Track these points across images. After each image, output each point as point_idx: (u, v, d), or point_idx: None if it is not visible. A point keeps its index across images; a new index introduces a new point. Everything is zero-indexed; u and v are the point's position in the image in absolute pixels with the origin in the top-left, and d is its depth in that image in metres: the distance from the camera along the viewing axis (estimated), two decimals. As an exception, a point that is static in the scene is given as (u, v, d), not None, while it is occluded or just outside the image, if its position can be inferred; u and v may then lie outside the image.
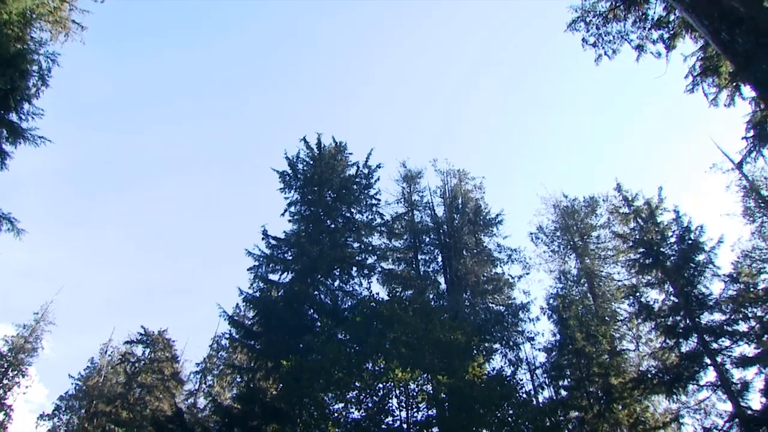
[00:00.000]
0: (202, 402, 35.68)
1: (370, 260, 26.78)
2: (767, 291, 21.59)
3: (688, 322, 22.10)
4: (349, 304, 24.15)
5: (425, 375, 17.68)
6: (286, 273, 24.56)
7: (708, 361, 21.10)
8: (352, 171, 28.28)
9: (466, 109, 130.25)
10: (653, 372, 22.67)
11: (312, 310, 23.62)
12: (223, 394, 32.15)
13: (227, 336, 23.73)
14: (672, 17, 18.02)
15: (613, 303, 31.50)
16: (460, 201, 34.66)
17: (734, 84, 17.44)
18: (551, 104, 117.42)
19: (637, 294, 24.70)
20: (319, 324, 22.22)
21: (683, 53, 18.52)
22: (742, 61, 10.65)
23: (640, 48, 18.56)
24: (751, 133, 17.11)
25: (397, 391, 17.41)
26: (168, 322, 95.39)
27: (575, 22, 18.83)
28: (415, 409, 17.54)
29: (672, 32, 18.20)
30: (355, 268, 25.53)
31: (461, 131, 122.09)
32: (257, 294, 23.76)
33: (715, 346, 21.29)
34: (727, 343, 21.20)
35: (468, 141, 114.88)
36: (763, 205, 29.37)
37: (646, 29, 18.48)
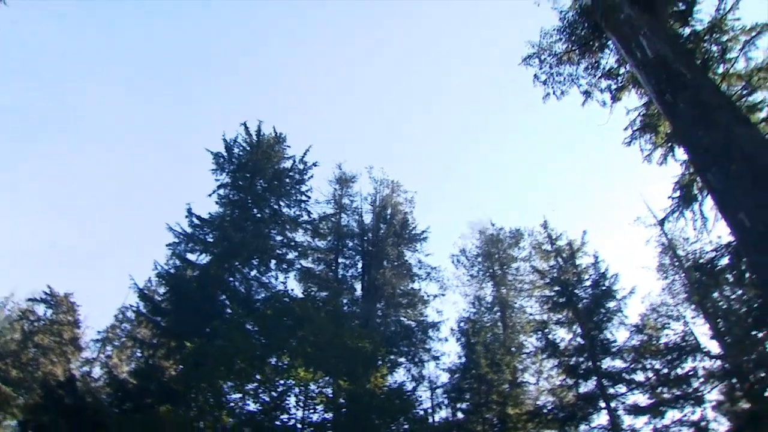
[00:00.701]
0: (98, 372, 34.71)
1: (290, 255, 26.70)
2: (668, 346, 22.56)
3: (590, 364, 22.88)
4: (263, 295, 24.02)
5: (327, 378, 17.74)
6: (204, 255, 24.31)
7: (603, 404, 21.92)
8: (288, 164, 28.17)
9: (411, 124, 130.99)
10: (549, 407, 23.37)
11: (225, 296, 23.37)
12: (121, 367, 31.41)
13: (134, 309, 23.10)
14: (622, 70, 18.63)
15: (521, 335, 32.19)
16: (389, 212, 34.80)
17: (669, 145, 18.10)
18: (495, 133, 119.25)
19: (546, 330, 25.42)
20: (229, 311, 22.03)
21: (627, 107, 19.13)
22: (681, 125, 11.13)
23: (587, 94, 19.09)
24: (677, 193, 17.75)
25: (297, 390, 17.46)
26: (76, 286, 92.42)
27: (530, 58, 19.29)
28: (311, 410, 17.60)
29: (620, 85, 18.80)
30: (274, 261, 25.43)
31: (402, 144, 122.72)
32: (172, 271, 23.45)
33: (611, 391, 22.15)
34: (623, 389, 22.13)
35: (407, 155, 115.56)
36: (677, 263, 30.62)
37: (596, 77, 19.04)
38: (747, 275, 15.64)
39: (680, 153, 17.76)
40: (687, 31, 18.17)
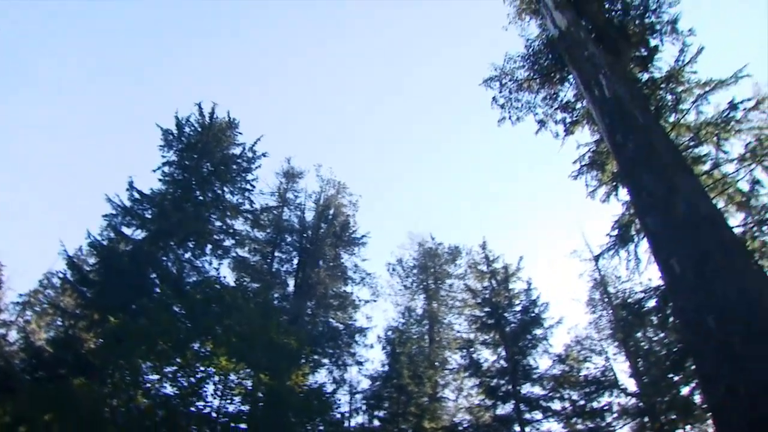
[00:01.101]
0: (14, 336, 33.68)
1: (227, 243, 26.41)
2: (587, 379, 23.13)
3: (510, 387, 23.28)
4: (194, 279, 23.69)
5: (248, 370, 17.62)
6: (140, 230, 23.85)
7: (518, 428, 22.31)
8: (237, 151, 27.83)
9: (365, 128, 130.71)
10: (465, 425, 23.71)
11: (155, 275, 22.96)
12: (39, 333, 30.47)
13: (61, 276, 22.56)
14: (579, 105, 19.03)
15: (447, 351, 32.50)
16: (331, 212, 34.75)
17: (614, 184, 18.54)
18: (448, 149, 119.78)
19: (471, 349, 25.79)
20: (158, 290, 21.66)
21: (579, 141, 19.53)
22: (628, 166, 11.41)
23: (542, 123, 19.41)
24: (615, 232, 18.17)
25: (217, 378, 17.27)
26: (2, 244, 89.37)
27: (492, 80, 19.53)
28: (228, 400, 17.44)
29: (575, 119, 19.20)
30: (210, 246, 25.12)
31: (354, 147, 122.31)
32: (104, 242, 22.99)
33: (528, 416, 22.60)
34: (539, 416, 22.60)
35: (357, 158, 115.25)
36: (606, 300, 31.35)
37: (553, 108, 19.39)
38: (671, 319, 16.15)
39: (623, 193, 18.14)
40: (645, 76, 18.70)
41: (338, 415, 20.18)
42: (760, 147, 16.45)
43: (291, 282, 31.31)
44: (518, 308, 26.34)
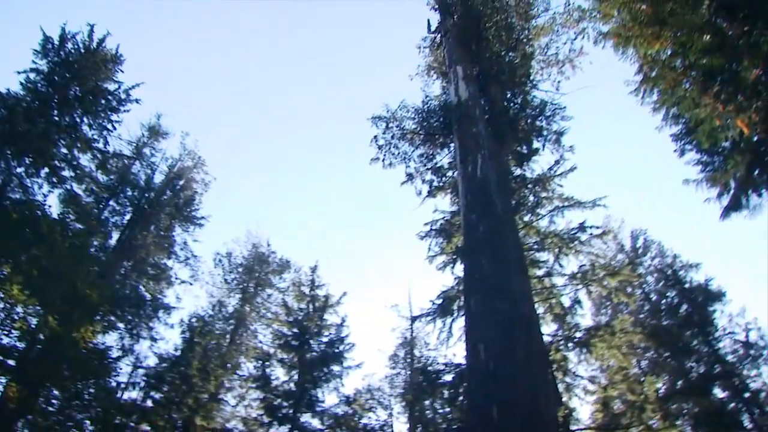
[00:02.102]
0: None
1: (66, 173, 24.88)
2: (365, 427, 23.62)
3: (290, 412, 23.29)
4: (17, 197, 22.13)
5: (39, 308, 16.67)
6: (-20, 128, 22.08)
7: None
8: (112, 87, 26.42)
9: (244, 120, 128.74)
10: (233, 433, 23.49)
11: (-25, 176, 21.30)
12: None
13: None
14: (450, 174, 19.69)
15: (243, 357, 32.07)
16: (181, 182, 33.70)
17: (454, 257, 19.22)
18: (315, 169, 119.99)
19: (267, 363, 25.68)
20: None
21: (437, 206, 20.24)
22: (472, 246, 11.86)
23: (411, 177, 19.82)
24: (440, 301, 18.78)
25: (2, 305, 16.21)
26: None
27: (380, 119, 19.79)
28: (5, 332, 16.41)
29: (441, 184, 19.81)
30: (47, 170, 23.59)
31: (227, 133, 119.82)
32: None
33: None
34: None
35: (226, 144, 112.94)
36: (408, 360, 32.19)
37: (426, 167, 19.89)
38: (461, 398, 16.79)
39: (459, 269, 18.83)
40: (518, 171, 19.64)
41: (113, 383, 19.36)
42: (591, 272, 17.60)
43: (115, 236, 29.93)
44: (325, 339, 26.53)
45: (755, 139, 13.26)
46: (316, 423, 23.47)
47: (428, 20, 23.70)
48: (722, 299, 28.70)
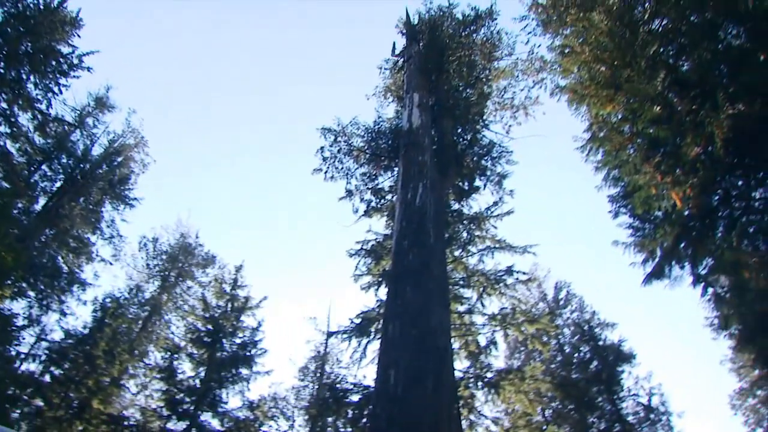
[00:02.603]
0: None
1: (1, 128, 24.17)
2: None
3: (192, 408, 22.91)
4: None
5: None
6: None
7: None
8: (66, 50, 25.77)
9: (197, 109, 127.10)
10: (131, 423, 22.98)
11: None
12: None
13: None
14: (389, 197, 19.85)
15: (152, 345, 31.44)
16: (119, 159, 32.90)
17: (380, 280, 19.25)
18: (260, 170, 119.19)
19: (176, 356, 25.19)
20: None
21: (372, 226, 20.28)
22: (399, 272, 11.88)
23: (350, 194, 19.95)
24: (359, 321, 18.60)
25: None
26: None
27: (330, 131, 19.89)
28: None
29: (378, 206, 19.94)
30: (-20, 118, 22.85)
31: (179, 119, 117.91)
32: None
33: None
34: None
35: (176, 131, 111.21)
36: (318, 375, 32.16)
37: (366, 186, 20.02)
38: (364, 421, 16.77)
39: (383, 292, 18.83)
40: (456, 206, 19.87)
41: (13, 352, 18.69)
42: (512, 316, 17.85)
43: (42, 201, 29.03)
44: (238, 341, 26.22)
45: (686, 213, 13.74)
46: (215, 423, 23.10)
47: (394, 43, 23.95)
48: (631, 361, 29.56)
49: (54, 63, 25.24)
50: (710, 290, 14.23)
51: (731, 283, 13.36)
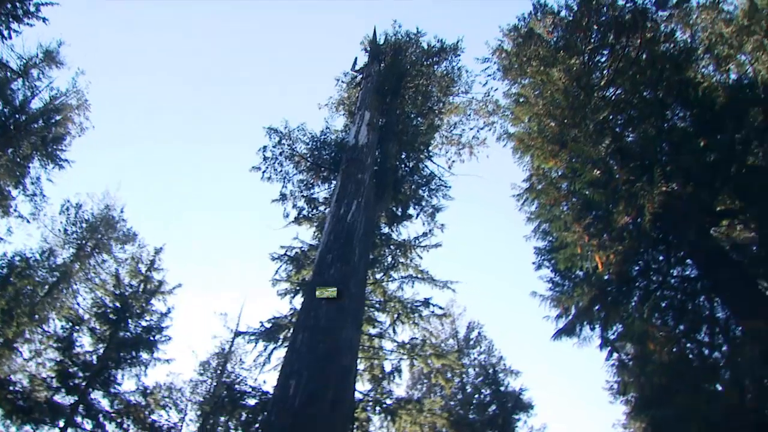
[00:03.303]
0: None
1: None
2: (153, 424, 22.92)
3: (84, 385, 22.27)
4: None
5: None
6: None
7: (61, 424, 21.23)
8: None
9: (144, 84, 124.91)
10: (17, 389, 22.17)
11: None
12: None
13: None
14: (322, 208, 19.80)
15: (53, 312, 30.33)
16: (58, 118, 31.04)
17: (297, 289, 19.12)
18: (198, 158, 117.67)
19: (77, 327, 24.62)
20: None
21: (299, 234, 20.29)
22: (317, 285, 11.79)
23: (284, 198, 19.79)
24: (269, 325, 18.43)
25: None
26: None
27: (276, 132, 19.74)
28: None
29: (310, 215, 19.87)
30: None
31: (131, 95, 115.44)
32: None
33: (77, 418, 21.60)
34: (89, 426, 21.75)
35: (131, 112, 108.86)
36: (217, 372, 31.72)
37: (301, 194, 19.93)
38: (256, 426, 16.57)
39: (298, 301, 18.73)
40: (386, 229, 19.98)
41: None
42: (421, 347, 17.96)
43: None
44: (144, 323, 25.59)
45: (606, 277, 14.14)
46: (105, 403, 22.39)
47: (356, 58, 24.05)
48: (529, 411, 30.08)
49: (10, 6, 24.40)
50: (615, 355, 14.64)
51: (636, 352, 13.77)
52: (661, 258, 13.93)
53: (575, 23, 17.31)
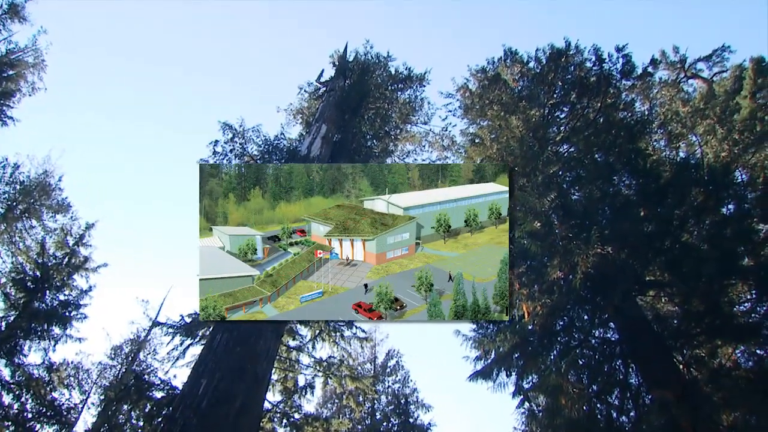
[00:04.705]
0: None
1: None
2: (52, 401, 22.10)
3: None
4: None
5: None
6: None
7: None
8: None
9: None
10: None
11: None
12: None
13: None
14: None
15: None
16: (10, 73, 30.92)
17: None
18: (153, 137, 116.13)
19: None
20: None
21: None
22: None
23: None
24: (189, 320, 18.18)
25: None
26: None
27: (230, 128, 19.77)
28: None
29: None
30: None
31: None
32: None
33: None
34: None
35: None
36: (129, 359, 30.91)
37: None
38: (160, 420, 16.15)
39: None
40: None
41: None
42: (338, 367, 17.93)
43: None
44: (62, 298, 24.79)
45: (530, 327, 14.29)
46: (6, 373, 21.60)
47: (322, 70, 24.08)
48: (433, 448, 30.15)
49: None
50: (527, 405, 14.74)
51: (547, 405, 13.88)
52: (585, 317, 14.15)
53: (541, 76, 17.71)
